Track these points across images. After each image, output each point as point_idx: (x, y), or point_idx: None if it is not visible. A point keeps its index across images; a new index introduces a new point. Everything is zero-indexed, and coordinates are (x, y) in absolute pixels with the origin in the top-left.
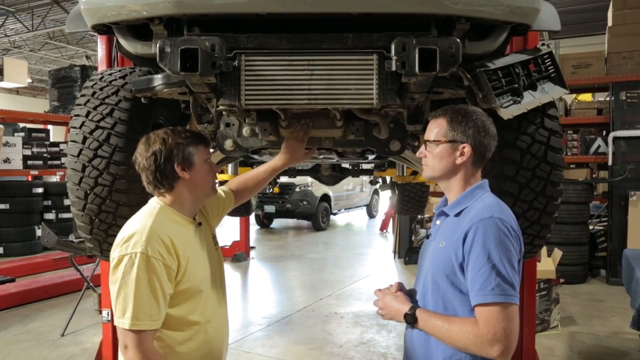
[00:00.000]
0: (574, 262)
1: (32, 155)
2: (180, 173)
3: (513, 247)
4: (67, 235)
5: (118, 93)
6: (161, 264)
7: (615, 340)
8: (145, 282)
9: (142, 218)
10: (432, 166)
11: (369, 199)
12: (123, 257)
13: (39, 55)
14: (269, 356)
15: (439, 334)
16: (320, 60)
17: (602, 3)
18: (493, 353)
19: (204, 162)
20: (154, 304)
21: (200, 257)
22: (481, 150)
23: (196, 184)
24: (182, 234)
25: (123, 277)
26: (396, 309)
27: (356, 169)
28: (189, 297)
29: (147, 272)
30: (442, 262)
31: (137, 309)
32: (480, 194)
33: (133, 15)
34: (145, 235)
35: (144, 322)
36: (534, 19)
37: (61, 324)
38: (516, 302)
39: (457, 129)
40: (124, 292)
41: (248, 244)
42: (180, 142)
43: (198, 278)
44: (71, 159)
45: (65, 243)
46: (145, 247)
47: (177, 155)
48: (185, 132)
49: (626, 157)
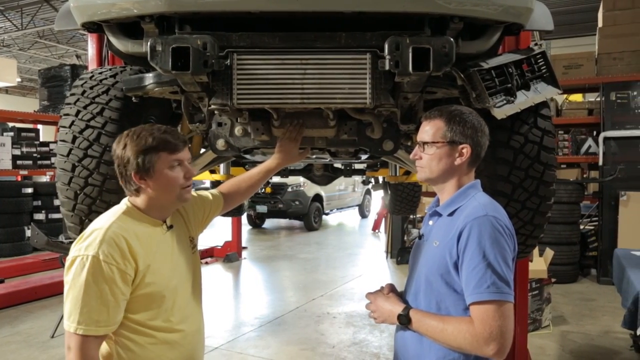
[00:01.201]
0: (565, 262)
1: (21, 155)
2: (138, 182)
3: (507, 246)
4: (57, 235)
5: (108, 92)
6: (114, 268)
7: (606, 340)
8: (94, 287)
9: (104, 219)
10: (429, 168)
11: (361, 199)
12: (76, 258)
13: (28, 54)
14: (261, 357)
15: (433, 334)
16: (313, 60)
17: (593, 4)
18: (489, 352)
19: (167, 170)
20: (103, 310)
21: (167, 261)
22: (478, 151)
23: (158, 192)
24: (145, 237)
25: (73, 280)
26: (389, 311)
27: (348, 169)
28: (150, 302)
29: (97, 276)
30: (436, 261)
31: (83, 313)
32: (473, 194)
33: (123, 13)
34: (99, 237)
35: (89, 327)
36: (527, 19)
37: (51, 326)
38: (511, 300)
39: (456, 129)
40: (72, 294)
41: (240, 244)
42: (136, 149)
43: (161, 283)
44: (61, 158)
45: (55, 243)
46: (97, 251)
47: (134, 164)
48: (153, 133)
49: (616, 157)
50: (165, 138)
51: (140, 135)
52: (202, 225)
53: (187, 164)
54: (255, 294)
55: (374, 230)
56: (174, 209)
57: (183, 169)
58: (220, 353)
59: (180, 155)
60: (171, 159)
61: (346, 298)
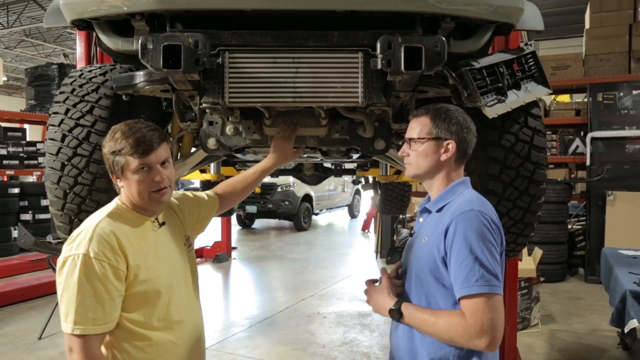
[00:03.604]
0: (553, 261)
1: (7, 155)
2: (115, 180)
3: (494, 239)
4: (44, 236)
5: (98, 90)
6: (106, 265)
7: (593, 338)
8: (88, 286)
9: (93, 218)
10: (416, 164)
11: (351, 199)
12: (67, 258)
13: (14, 52)
14: (251, 357)
15: (425, 328)
16: (305, 58)
17: (580, 6)
18: (480, 344)
19: (134, 174)
20: (98, 308)
21: (160, 258)
22: (464, 147)
23: (131, 194)
24: (135, 234)
25: (66, 280)
26: (381, 304)
27: (339, 169)
28: (146, 300)
29: (89, 274)
30: (425, 257)
31: (79, 313)
32: (461, 190)
33: (114, 10)
34: (88, 235)
35: (87, 326)
36: (518, 19)
37: (38, 327)
38: (500, 292)
39: (441, 126)
40: (67, 295)
41: (230, 245)
42: (105, 151)
43: (156, 281)
44: (50, 157)
45: (43, 244)
46: (87, 249)
47: (107, 163)
48: (125, 134)
49: (604, 157)
50: (136, 140)
51: (115, 135)
52: (199, 226)
53: (159, 167)
54: (245, 295)
55: (363, 230)
56: (156, 208)
57: (153, 173)
58: (210, 354)
59: (149, 159)
60: (137, 164)
61: (336, 298)
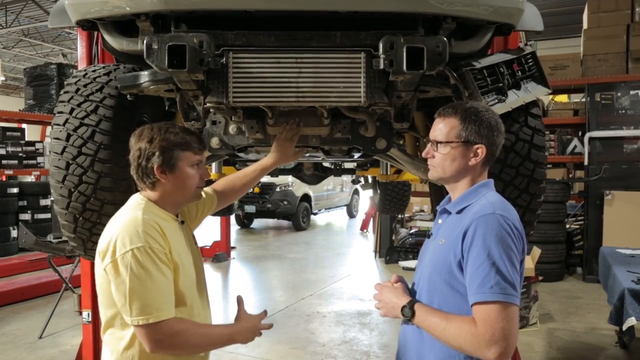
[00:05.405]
0: (551, 260)
1: (6, 155)
2: (159, 175)
3: (515, 246)
4: (44, 236)
5: (102, 90)
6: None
7: (592, 336)
8: (158, 273)
9: (130, 214)
10: (442, 167)
11: (349, 199)
12: (124, 255)
13: (12, 52)
14: (252, 356)
15: (434, 331)
16: (308, 58)
17: (578, 6)
18: (490, 355)
19: (189, 168)
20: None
21: (187, 256)
22: (493, 150)
23: (176, 188)
24: (168, 230)
25: (132, 275)
26: (394, 303)
27: (338, 168)
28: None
29: (154, 262)
30: (441, 260)
31: (157, 300)
32: (484, 192)
33: (119, 11)
34: (139, 228)
35: (166, 311)
36: (518, 19)
37: (39, 327)
38: (517, 302)
39: (471, 129)
40: (138, 289)
41: (229, 244)
42: (164, 145)
43: (185, 282)
44: (54, 156)
45: (44, 243)
46: (144, 240)
47: (159, 158)
48: (179, 133)
49: (601, 157)
50: (192, 138)
51: (169, 130)
52: (196, 222)
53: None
54: (245, 294)
55: (362, 230)
56: (185, 205)
57: (201, 170)
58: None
59: (204, 156)
60: (194, 159)
61: (335, 297)
